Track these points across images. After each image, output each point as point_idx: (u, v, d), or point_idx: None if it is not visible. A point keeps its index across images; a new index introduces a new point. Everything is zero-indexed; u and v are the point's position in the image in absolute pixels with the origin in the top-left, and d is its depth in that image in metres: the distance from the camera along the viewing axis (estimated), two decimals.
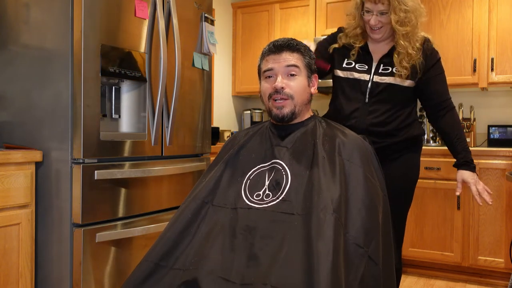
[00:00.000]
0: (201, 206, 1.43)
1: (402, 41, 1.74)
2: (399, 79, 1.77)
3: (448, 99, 1.86)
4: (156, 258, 1.34)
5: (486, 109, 3.64)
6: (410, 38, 1.75)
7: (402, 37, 1.74)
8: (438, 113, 1.86)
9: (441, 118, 1.86)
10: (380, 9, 1.72)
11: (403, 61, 1.74)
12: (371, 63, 1.82)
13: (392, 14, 1.71)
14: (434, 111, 1.87)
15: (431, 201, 3.20)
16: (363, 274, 1.25)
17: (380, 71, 1.80)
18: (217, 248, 1.29)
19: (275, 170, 1.44)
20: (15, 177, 1.82)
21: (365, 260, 1.27)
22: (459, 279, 3.19)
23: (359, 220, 1.32)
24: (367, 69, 1.81)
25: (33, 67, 1.98)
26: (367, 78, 1.80)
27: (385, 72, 1.79)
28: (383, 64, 1.80)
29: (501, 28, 3.29)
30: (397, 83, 1.78)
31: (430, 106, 1.88)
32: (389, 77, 1.78)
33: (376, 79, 1.79)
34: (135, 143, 2.12)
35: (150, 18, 2.17)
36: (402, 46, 1.74)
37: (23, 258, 1.87)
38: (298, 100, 1.52)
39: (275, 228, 1.28)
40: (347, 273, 1.21)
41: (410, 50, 1.74)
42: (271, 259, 1.20)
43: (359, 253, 1.27)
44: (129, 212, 2.08)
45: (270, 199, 1.36)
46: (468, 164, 1.83)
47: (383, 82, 1.78)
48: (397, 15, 1.70)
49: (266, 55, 1.56)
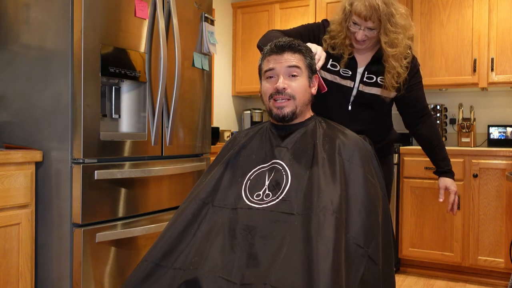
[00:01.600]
0: (201, 206, 1.43)
1: (392, 61, 1.70)
2: (386, 91, 1.74)
3: (426, 106, 1.87)
4: (156, 258, 1.34)
5: (486, 109, 3.64)
6: (399, 58, 1.71)
7: (392, 57, 1.69)
8: (418, 120, 1.87)
9: (421, 125, 1.87)
10: (369, 26, 1.66)
11: (392, 80, 1.71)
12: (356, 69, 1.78)
13: (382, 35, 1.66)
14: (414, 118, 1.88)
15: (431, 201, 3.20)
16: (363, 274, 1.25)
17: (365, 79, 1.77)
18: (217, 248, 1.29)
19: (275, 170, 1.44)
20: (15, 177, 1.82)
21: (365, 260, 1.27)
22: (459, 279, 3.19)
23: (359, 220, 1.32)
24: (351, 75, 1.77)
25: (33, 67, 1.98)
26: (351, 85, 1.77)
27: (370, 81, 1.76)
28: (368, 72, 1.77)
29: (501, 28, 3.29)
30: (384, 95, 1.76)
31: (410, 113, 1.88)
32: (376, 88, 1.75)
33: (361, 88, 1.77)
34: (135, 143, 2.12)
35: (150, 18, 2.17)
36: (391, 67, 1.70)
37: (23, 258, 1.87)
38: (299, 100, 1.52)
39: (275, 228, 1.28)
40: (347, 273, 1.21)
41: (399, 69, 1.71)
42: (271, 259, 1.20)
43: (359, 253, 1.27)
44: (129, 212, 2.08)
45: (270, 199, 1.36)
46: (450, 172, 1.90)
47: (368, 93, 1.76)
48: (388, 36, 1.66)
49: (268, 55, 1.56)
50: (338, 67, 1.79)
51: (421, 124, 1.87)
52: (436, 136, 1.88)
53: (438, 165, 1.90)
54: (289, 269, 1.16)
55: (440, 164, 1.89)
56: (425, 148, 1.91)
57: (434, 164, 1.92)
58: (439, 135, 1.90)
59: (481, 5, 3.34)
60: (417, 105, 1.85)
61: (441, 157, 1.89)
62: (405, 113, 1.89)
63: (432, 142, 1.88)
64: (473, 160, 3.10)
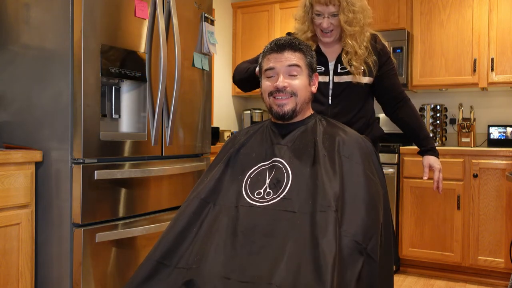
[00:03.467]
0: (203, 205, 1.43)
1: (350, 41, 1.74)
2: (357, 76, 1.77)
3: (402, 91, 1.90)
4: (159, 257, 1.34)
5: (486, 109, 3.64)
6: (357, 37, 1.74)
7: (350, 37, 1.74)
8: (396, 106, 1.89)
9: (399, 109, 1.89)
10: (331, 11, 1.71)
11: (352, 60, 1.75)
12: (327, 64, 1.81)
13: (341, 14, 1.70)
14: (392, 104, 1.90)
15: (431, 201, 3.21)
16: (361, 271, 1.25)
17: (339, 71, 1.79)
18: (218, 246, 1.29)
19: (275, 168, 1.44)
20: (15, 177, 1.82)
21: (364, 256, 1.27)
22: (459, 279, 3.19)
23: (359, 217, 1.32)
24: (324, 71, 1.80)
25: (33, 67, 1.98)
26: (327, 80, 1.80)
27: (344, 71, 1.79)
28: (340, 63, 1.79)
29: (501, 28, 3.29)
30: (357, 80, 1.78)
31: (387, 99, 1.90)
32: (349, 76, 1.78)
33: (336, 80, 1.79)
34: (135, 143, 2.12)
35: (150, 18, 2.17)
36: (350, 46, 1.74)
37: (23, 258, 1.87)
38: (300, 98, 1.52)
39: (277, 226, 1.28)
40: (345, 270, 1.21)
41: (357, 50, 1.74)
42: (273, 257, 1.21)
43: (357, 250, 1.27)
44: (129, 212, 2.08)
45: (271, 197, 1.36)
46: (433, 150, 1.89)
47: (343, 82, 1.78)
48: (346, 15, 1.70)
49: (268, 53, 1.56)
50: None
51: (399, 109, 1.89)
52: (416, 118, 1.90)
53: (421, 144, 1.90)
54: (294, 269, 1.16)
55: (423, 143, 1.89)
56: (406, 131, 1.92)
57: (416, 145, 1.93)
58: (418, 116, 1.92)
59: (481, 5, 3.34)
60: (393, 91, 1.87)
61: (422, 136, 1.89)
62: (383, 101, 1.91)
63: (411, 124, 1.89)
64: (473, 160, 3.10)
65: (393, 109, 1.91)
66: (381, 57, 1.82)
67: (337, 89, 1.79)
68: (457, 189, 3.13)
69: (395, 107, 1.90)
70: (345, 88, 1.79)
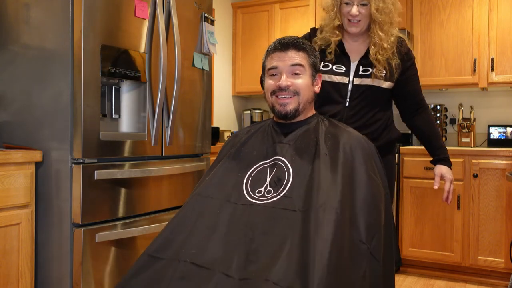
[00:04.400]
0: (202, 202, 1.43)
1: (379, 32, 1.73)
2: (377, 80, 1.75)
3: (423, 98, 1.88)
4: (152, 251, 1.34)
5: (486, 109, 3.64)
6: (386, 30, 1.74)
7: (379, 26, 1.73)
8: (414, 112, 1.88)
9: (417, 116, 1.88)
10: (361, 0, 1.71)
11: (377, 53, 1.73)
12: (349, 64, 1.79)
13: (372, 1, 1.70)
14: (410, 111, 1.88)
15: (431, 201, 3.21)
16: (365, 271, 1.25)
17: (361, 73, 1.77)
18: (217, 243, 1.29)
19: (276, 166, 1.44)
20: (15, 177, 1.82)
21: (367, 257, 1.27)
22: (459, 279, 3.19)
23: (361, 217, 1.32)
24: (345, 71, 1.78)
25: (33, 67, 1.98)
26: (346, 81, 1.78)
27: (365, 74, 1.77)
28: (363, 65, 1.77)
29: (501, 28, 3.29)
30: (376, 84, 1.76)
31: (406, 106, 1.88)
32: (369, 79, 1.76)
33: (356, 82, 1.77)
34: (135, 143, 2.12)
35: (150, 18, 2.17)
36: (378, 37, 1.73)
37: (23, 258, 1.87)
38: (303, 97, 1.52)
39: (276, 225, 1.28)
40: (350, 270, 1.21)
41: (385, 44, 1.73)
42: (272, 256, 1.21)
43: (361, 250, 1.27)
44: (129, 212, 2.08)
45: (272, 195, 1.36)
46: (446, 160, 1.87)
47: (363, 85, 1.76)
48: (376, 4, 1.70)
49: (272, 52, 1.56)
50: (330, 66, 1.79)
51: (418, 115, 1.88)
52: (433, 127, 1.89)
53: (434, 154, 1.88)
54: (290, 267, 1.16)
55: (436, 152, 1.88)
56: (422, 138, 1.91)
57: (430, 154, 1.91)
58: (435, 125, 1.91)
59: (481, 5, 3.34)
60: (414, 97, 1.86)
61: (437, 146, 1.87)
62: (403, 106, 1.90)
63: (427, 133, 1.88)
64: (473, 160, 3.10)
65: (411, 115, 1.89)
66: (405, 61, 1.80)
67: (356, 91, 1.77)
68: (457, 189, 3.13)
69: (413, 114, 1.88)
70: (364, 90, 1.76)
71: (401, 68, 1.78)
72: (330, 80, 1.78)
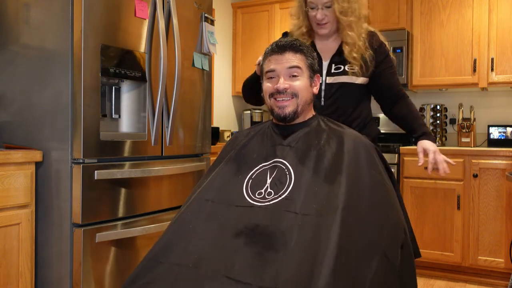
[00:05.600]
0: (202, 205, 1.43)
1: (349, 32, 1.72)
2: (353, 77, 1.74)
3: (400, 89, 1.85)
4: (155, 255, 1.34)
5: (486, 109, 3.64)
6: (355, 28, 1.72)
7: (348, 27, 1.72)
8: (393, 103, 1.85)
9: (395, 105, 1.84)
10: (324, 2, 1.69)
11: (352, 52, 1.72)
12: (321, 63, 1.77)
13: (335, 4, 1.69)
14: (389, 102, 1.85)
15: (431, 201, 3.20)
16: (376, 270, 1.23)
17: (333, 71, 1.76)
18: (218, 246, 1.29)
19: (277, 168, 1.44)
20: (15, 177, 1.82)
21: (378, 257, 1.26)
22: (459, 279, 3.19)
23: (369, 217, 1.31)
24: None
25: (33, 67, 1.98)
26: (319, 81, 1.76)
27: (338, 71, 1.75)
28: (335, 63, 1.76)
29: (501, 28, 3.29)
30: (351, 81, 1.75)
31: (385, 99, 1.86)
32: (342, 76, 1.75)
33: (329, 81, 1.76)
34: (135, 143, 2.12)
35: (150, 18, 2.17)
36: (349, 37, 1.72)
37: (23, 258, 1.87)
38: (301, 99, 1.52)
39: (278, 226, 1.27)
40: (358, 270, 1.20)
41: (357, 41, 1.72)
42: (274, 258, 1.20)
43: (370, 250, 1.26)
44: (129, 212, 2.08)
45: (272, 197, 1.36)
46: (427, 134, 1.78)
47: (336, 82, 1.75)
48: (340, 5, 1.69)
49: (269, 55, 1.56)
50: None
51: (396, 104, 1.84)
52: (410, 111, 1.82)
53: (414, 131, 1.80)
54: (294, 269, 1.16)
55: (416, 130, 1.79)
56: (402, 123, 1.86)
57: (411, 134, 1.83)
58: (414, 110, 1.84)
59: (481, 5, 3.34)
60: (391, 90, 1.83)
61: (417, 125, 1.80)
62: (381, 100, 1.87)
63: (406, 117, 1.82)
64: (473, 160, 3.10)
65: (390, 107, 1.86)
66: (379, 54, 1.78)
67: (330, 90, 1.75)
68: (457, 189, 3.13)
69: (391, 105, 1.86)
70: (338, 88, 1.75)
71: (374, 62, 1.76)
72: None
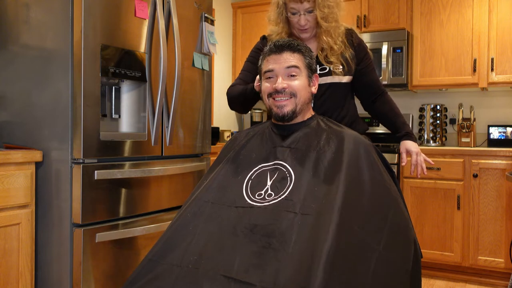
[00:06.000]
0: (202, 206, 1.43)
1: (325, 37, 1.73)
2: (337, 77, 1.76)
3: (380, 85, 1.89)
4: (154, 256, 1.34)
5: (486, 109, 3.64)
6: (333, 33, 1.74)
7: (325, 33, 1.73)
8: (375, 100, 1.89)
9: (376, 101, 1.88)
10: (306, 7, 1.69)
11: (328, 56, 1.74)
12: None
13: (317, 10, 1.69)
14: (371, 99, 1.89)
15: (431, 201, 3.20)
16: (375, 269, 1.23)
17: (319, 72, 1.77)
18: (218, 246, 1.29)
19: (278, 171, 1.44)
20: (15, 177, 1.82)
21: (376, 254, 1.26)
22: (459, 279, 3.19)
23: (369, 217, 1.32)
24: None
25: (33, 67, 1.98)
26: None
27: (324, 72, 1.77)
28: (319, 64, 1.77)
29: (501, 28, 3.29)
30: (337, 80, 1.77)
31: (366, 95, 1.89)
32: (329, 77, 1.76)
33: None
34: (135, 143, 2.12)
35: (150, 18, 2.17)
36: (325, 42, 1.74)
37: (23, 258, 1.87)
38: (300, 98, 1.52)
39: (277, 226, 1.28)
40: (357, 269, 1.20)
41: (333, 45, 1.74)
42: (273, 258, 1.20)
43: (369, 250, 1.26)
44: (129, 212, 2.08)
45: (272, 197, 1.36)
46: (409, 135, 1.84)
47: (325, 83, 1.77)
48: (322, 11, 1.70)
49: (267, 55, 1.56)
50: None
51: (377, 100, 1.88)
52: (391, 108, 1.87)
53: (397, 131, 1.87)
54: (293, 269, 1.16)
55: (398, 130, 1.86)
56: (383, 120, 1.91)
57: (393, 132, 1.89)
58: (395, 106, 1.89)
59: (481, 5, 3.34)
60: (372, 86, 1.86)
61: (399, 123, 1.86)
62: (362, 96, 1.91)
63: (389, 113, 1.87)
64: (473, 160, 3.10)
65: (371, 103, 1.90)
66: (359, 52, 1.80)
67: (319, 90, 1.76)
68: (457, 189, 3.13)
69: (372, 100, 1.89)
70: (327, 89, 1.77)
71: (355, 60, 1.79)
72: None
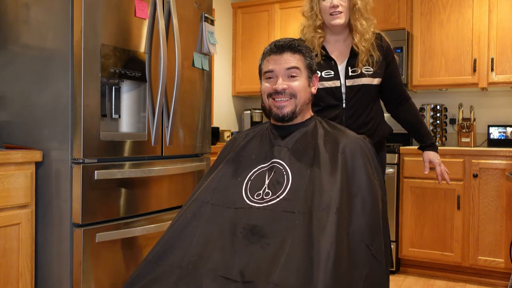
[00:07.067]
0: (202, 207, 1.43)
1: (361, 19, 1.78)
2: (368, 79, 1.80)
3: (405, 90, 1.97)
4: (154, 257, 1.34)
5: (486, 109, 3.64)
6: (367, 18, 1.79)
7: (360, 14, 1.78)
8: (399, 104, 1.96)
9: (401, 107, 1.96)
10: None
11: (361, 41, 1.78)
12: (336, 68, 1.82)
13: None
14: (395, 102, 1.96)
15: (431, 201, 3.20)
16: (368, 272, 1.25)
17: (350, 74, 1.80)
18: (217, 247, 1.29)
19: (275, 169, 1.44)
20: (15, 177, 1.82)
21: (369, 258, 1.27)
22: (459, 279, 3.19)
23: (363, 219, 1.33)
24: (334, 75, 1.81)
25: (33, 67, 1.98)
26: (338, 84, 1.81)
27: (355, 74, 1.80)
28: (351, 66, 1.81)
29: (501, 28, 3.29)
30: (368, 82, 1.81)
31: (391, 98, 1.96)
32: (360, 79, 1.80)
33: (348, 83, 1.81)
34: (135, 143, 2.12)
35: (150, 18, 2.17)
36: (361, 25, 1.78)
37: (23, 258, 1.87)
38: (300, 99, 1.52)
39: (276, 227, 1.28)
40: (352, 271, 1.21)
41: (366, 35, 1.78)
42: (272, 258, 1.21)
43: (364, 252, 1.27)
44: (129, 212, 2.08)
45: (270, 197, 1.36)
46: (433, 146, 1.97)
47: (356, 85, 1.80)
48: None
49: (267, 55, 1.56)
50: (319, 73, 1.81)
51: (402, 106, 1.96)
52: (416, 115, 1.98)
53: (421, 140, 1.98)
54: (292, 269, 1.16)
55: (423, 139, 1.97)
56: (407, 127, 2.00)
57: (417, 141, 2.01)
58: (418, 114, 2.01)
59: (481, 5, 3.34)
60: (398, 90, 1.94)
61: (423, 132, 1.97)
62: (387, 99, 1.97)
63: (413, 121, 1.97)
64: (473, 160, 3.10)
65: (395, 106, 1.96)
66: (387, 56, 1.86)
67: (351, 92, 1.80)
68: (457, 189, 3.13)
69: (397, 105, 1.96)
70: (358, 90, 1.80)
71: (384, 62, 1.84)
72: (322, 87, 1.81)
